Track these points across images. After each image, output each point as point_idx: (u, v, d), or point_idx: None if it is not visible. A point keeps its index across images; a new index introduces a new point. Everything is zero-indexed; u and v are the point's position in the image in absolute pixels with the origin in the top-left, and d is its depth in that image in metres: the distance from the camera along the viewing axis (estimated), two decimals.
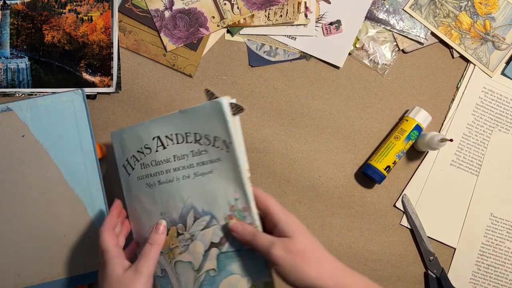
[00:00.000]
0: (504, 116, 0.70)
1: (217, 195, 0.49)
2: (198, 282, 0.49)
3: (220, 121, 0.48)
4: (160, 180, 0.51)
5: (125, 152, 0.53)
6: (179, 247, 0.50)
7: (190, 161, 0.50)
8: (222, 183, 0.49)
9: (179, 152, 0.50)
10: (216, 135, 0.48)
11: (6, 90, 0.64)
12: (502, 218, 0.69)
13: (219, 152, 0.48)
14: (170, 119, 0.50)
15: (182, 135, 0.50)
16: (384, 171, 0.64)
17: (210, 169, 0.49)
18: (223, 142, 0.48)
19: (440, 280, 0.66)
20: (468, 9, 0.70)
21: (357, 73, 0.69)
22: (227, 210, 0.49)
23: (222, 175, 0.49)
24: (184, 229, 0.50)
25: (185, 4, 0.65)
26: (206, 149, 0.49)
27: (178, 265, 0.50)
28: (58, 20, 0.64)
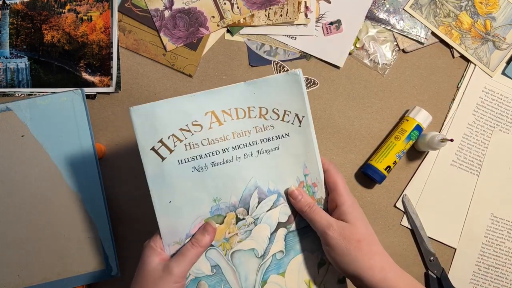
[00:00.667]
0: (505, 116, 0.70)
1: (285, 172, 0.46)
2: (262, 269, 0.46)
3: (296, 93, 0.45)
4: (214, 162, 0.45)
5: (158, 132, 0.44)
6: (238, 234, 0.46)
7: (252, 137, 0.45)
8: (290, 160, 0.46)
9: (239, 128, 0.45)
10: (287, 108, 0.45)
11: (6, 90, 0.64)
12: (502, 218, 0.69)
13: (289, 126, 0.46)
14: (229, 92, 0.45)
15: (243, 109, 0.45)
16: (384, 171, 0.64)
17: (276, 145, 0.46)
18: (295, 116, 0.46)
19: (441, 281, 0.66)
20: (469, 8, 0.70)
21: (357, 73, 0.69)
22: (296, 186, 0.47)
23: (291, 151, 0.46)
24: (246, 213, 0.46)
25: (185, 4, 0.65)
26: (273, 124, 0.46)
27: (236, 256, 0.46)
28: (57, 20, 0.64)
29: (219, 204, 0.46)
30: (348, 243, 0.43)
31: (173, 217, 0.45)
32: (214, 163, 0.45)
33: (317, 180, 0.47)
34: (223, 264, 0.46)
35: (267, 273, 0.46)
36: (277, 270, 0.47)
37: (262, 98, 0.45)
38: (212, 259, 0.46)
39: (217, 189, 0.45)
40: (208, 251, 0.46)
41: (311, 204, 0.46)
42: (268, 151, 0.46)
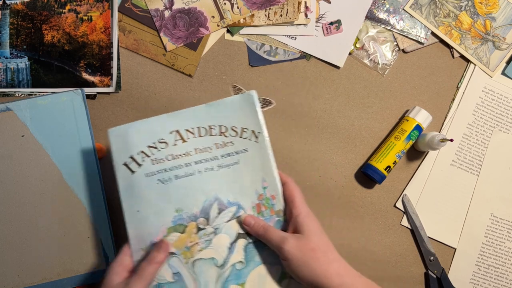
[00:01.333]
0: (505, 116, 0.70)
1: (244, 185, 0.50)
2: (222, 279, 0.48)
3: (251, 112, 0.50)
4: (177, 175, 0.49)
5: (129, 149, 0.50)
6: (199, 243, 0.49)
7: (213, 153, 0.50)
8: (249, 173, 0.50)
9: (201, 145, 0.50)
10: (244, 126, 0.50)
11: (6, 90, 0.64)
12: (502, 218, 0.69)
13: (246, 142, 0.50)
14: (192, 113, 0.51)
15: (205, 128, 0.50)
16: (384, 171, 0.64)
17: (236, 160, 0.50)
18: (252, 132, 0.50)
19: (441, 280, 0.66)
20: (469, 9, 0.70)
21: (357, 73, 0.69)
22: (255, 199, 0.50)
23: (249, 165, 0.50)
24: (206, 223, 0.49)
25: (185, 4, 0.65)
26: (232, 140, 0.50)
27: (197, 264, 0.48)
28: (57, 20, 0.64)
29: (181, 214, 0.49)
30: (303, 254, 0.45)
31: (140, 226, 0.49)
32: (177, 176, 0.49)
33: (275, 192, 0.50)
34: (184, 272, 0.48)
35: (226, 282, 0.48)
36: (236, 281, 0.48)
37: (222, 118, 0.50)
38: (174, 267, 0.48)
39: (180, 200, 0.49)
40: (170, 259, 0.48)
41: (265, 226, 0.48)
42: (228, 165, 0.50)
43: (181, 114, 0.51)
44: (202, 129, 0.51)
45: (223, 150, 0.50)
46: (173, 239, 0.49)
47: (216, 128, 0.50)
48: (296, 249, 0.45)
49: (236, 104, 0.50)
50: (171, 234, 0.49)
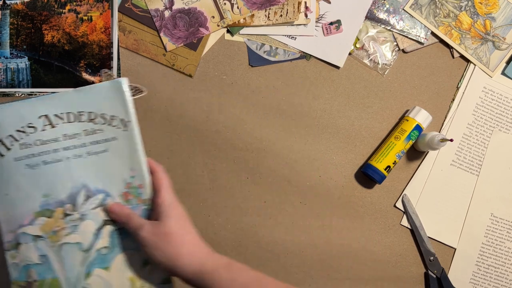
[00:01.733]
0: (505, 116, 0.70)
1: (112, 173, 0.50)
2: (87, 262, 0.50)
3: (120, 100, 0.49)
4: (45, 160, 0.50)
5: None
6: (65, 228, 0.50)
7: (82, 140, 0.50)
8: (118, 161, 0.50)
9: (70, 131, 0.50)
10: (113, 114, 0.50)
11: (6, 90, 0.64)
12: (502, 218, 0.69)
13: (115, 131, 0.50)
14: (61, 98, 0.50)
15: (74, 114, 0.50)
16: (384, 171, 0.64)
17: (105, 148, 0.50)
18: (121, 121, 0.50)
19: (441, 280, 0.66)
20: (468, 9, 0.70)
21: (357, 73, 0.69)
22: (123, 187, 0.50)
23: (118, 154, 0.50)
24: (73, 209, 0.50)
25: (185, 4, 0.65)
26: (102, 128, 0.50)
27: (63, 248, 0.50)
28: (57, 20, 0.64)
29: (48, 199, 0.50)
30: (158, 239, 0.46)
31: (9, 209, 0.50)
32: (45, 162, 0.50)
33: (143, 181, 0.50)
34: (50, 255, 0.50)
35: (91, 266, 0.50)
36: (101, 265, 0.50)
37: (91, 104, 0.50)
38: (41, 249, 0.49)
39: (48, 186, 0.50)
40: (37, 242, 0.49)
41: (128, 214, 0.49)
42: (96, 153, 0.50)
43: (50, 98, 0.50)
44: (71, 115, 0.50)
45: (92, 137, 0.50)
46: (40, 223, 0.49)
47: (85, 115, 0.50)
48: (150, 235, 0.46)
49: (105, 91, 0.49)
50: (38, 219, 0.50)
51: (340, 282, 0.66)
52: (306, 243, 0.66)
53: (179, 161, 0.66)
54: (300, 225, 0.66)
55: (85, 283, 0.49)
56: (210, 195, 0.66)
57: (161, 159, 0.65)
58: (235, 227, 0.66)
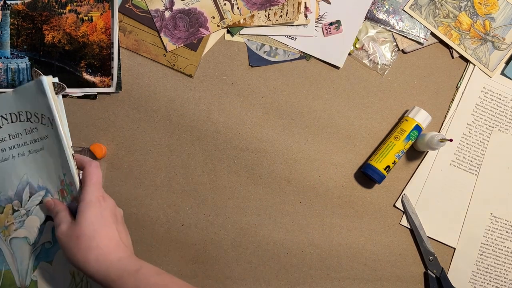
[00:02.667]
0: (504, 116, 0.70)
1: (49, 171, 0.52)
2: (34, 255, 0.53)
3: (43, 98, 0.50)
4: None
5: None
6: (14, 223, 0.53)
7: (24, 139, 0.52)
8: (52, 159, 0.51)
9: (13, 130, 0.52)
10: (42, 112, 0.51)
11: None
12: (501, 218, 0.69)
13: (46, 129, 0.51)
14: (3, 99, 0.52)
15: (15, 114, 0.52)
16: (384, 171, 0.64)
17: (41, 146, 0.52)
18: (48, 119, 0.50)
19: (440, 280, 0.66)
20: (468, 9, 0.70)
21: (357, 73, 0.69)
22: (59, 184, 0.52)
23: (51, 152, 0.51)
24: (20, 205, 0.53)
25: (185, 4, 0.65)
26: (37, 126, 0.51)
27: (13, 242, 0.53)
28: (58, 20, 0.64)
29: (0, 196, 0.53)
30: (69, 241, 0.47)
31: None
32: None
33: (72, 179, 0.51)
34: (3, 247, 0.53)
35: (37, 259, 0.53)
36: (45, 258, 0.53)
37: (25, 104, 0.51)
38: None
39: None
40: None
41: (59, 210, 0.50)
42: (36, 151, 0.52)
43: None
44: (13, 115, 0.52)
45: (31, 136, 0.52)
46: None
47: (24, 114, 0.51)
48: (63, 236, 0.47)
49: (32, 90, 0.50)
50: None
51: (339, 281, 0.67)
52: (306, 243, 0.67)
53: (179, 161, 0.66)
54: (300, 225, 0.67)
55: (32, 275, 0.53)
56: (210, 195, 0.66)
57: (161, 159, 0.66)
58: (235, 227, 0.66)
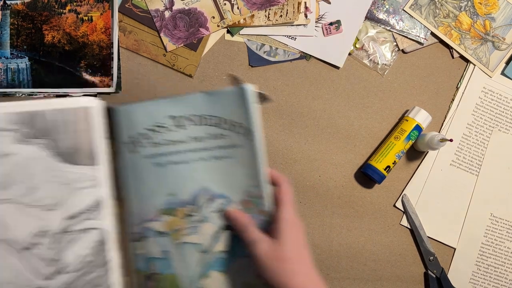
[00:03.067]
0: (504, 116, 0.70)
1: (234, 180, 0.49)
2: (204, 263, 0.50)
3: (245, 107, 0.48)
4: (172, 160, 0.50)
5: (130, 129, 0.51)
6: (186, 228, 0.50)
7: (208, 144, 0.49)
8: (240, 169, 0.49)
9: (197, 133, 0.50)
10: (238, 121, 0.48)
11: (6, 90, 0.64)
12: (502, 218, 0.69)
13: (240, 138, 0.49)
14: (190, 100, 0.50)
15: (202, 117, 0.50)
16: (384, 171, 0.64)
17: (229, 154, 0.49)
18: (244, 128, 0.48)
19: (440, 280, 0.66)
20: (468, 9, 0.70)
21: (357, 73, 0.69)
22: (244, 195, 0.49)
23: (241, 161, 0.49)
24: (194, 210, 0.50)
25: (185, 4, 0.65)
26: (227, 133, 0.49)
27: (183, 246, 0.50)
28: (58, 20, 0.64)
29: (172, 198, 0.50)
30: (271, 262, 0.45)
31: (137, 203, 0.51)
32: (172, 162, 0.50)
33: (263, 192, 0.49)
34: (172, 251, 0.50)
35: (208, 267, 0.50)
36: (217, 267, 0.50)
37: (218, 109, 0.49)
38: (163, 245, 0.50)
39: (173, 185, 0.50)
40: (160, 238, 0.50)
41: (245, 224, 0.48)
42: (221, 158, 0.49)
43: (180, 100, 0.50)
44: (199, 118, 0.50)
45: (217, 142, 0.49)
46: (164, 221, 0.50)
47: (213, 119, 0.49)
48: (265, 255, 0.45)
49: (232, 96, 0.48)
50: (162, 216, 0.50)
51: (339, 281, 0.67)
52: None
53: None
54: None
55: (200, 283, 0.50)
56: None
57: None
58: None
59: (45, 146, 0.50)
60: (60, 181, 0.51)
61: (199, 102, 0.49)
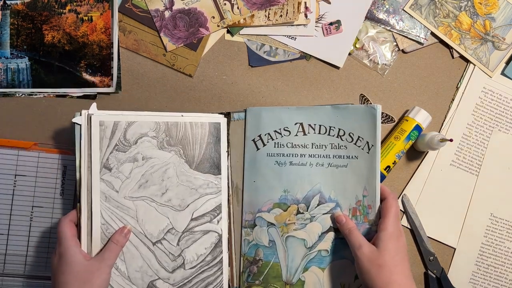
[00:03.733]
0: (504, 116, 0.70)
1: (347, 188, 0.55)
2: (307, 258, 0.55)
3: (371, 124, 0.54)
4: (292, 161, 0.56)
5: (259, 128, 0.58)
6: (295, 223, 0.56)
7: (327, 151, 0.55)
8: (354, 179, 0.54)
9: (318, 141, 0.56)
10: (361, 135, 0.54)
11: (6, 90, 0.64)
12: (502, 218, 0.69)
13: (359, 151, 0.55)
14: (317, 110, 0.56)
15: (326, 127, 0.56)
16: (384, 171, 0.64)
17: (346, 164, 0.55)
18: (366, 143, 0.54)
19: (440, 280, 0.66)
20: (468, 9, 0.70)
21: (357, 73, 0.69)
22: (353, 203, 0.55)
23: (356, 172, 0.54)
24: (306, 209, 0.56)
25: (185, 4, 0.65)
26: (347, 145, 0.55)
27: (289, 240, 0.56)
28: (58, 20, 0.64)
29: (287, 195, 0.56)
30: (370, 265, 0.50)
31: (253, 194, 0.58)
32: (291, 163, 0.57)
33: (373, 203, 0.54)
34: (278, 242, 0.56)
35: (310, 263, 0.55)
36: (319, 264, 0.55)
37: (343, 122, 0.55)
38: (271, 235, 0.57)
39: (289, 183, 0.56)
40: (270, 228, 0.57)
41: (352, 228, 0.53)
42: (337, 166, 0.55)
43: (308, 109, 0.56)
44: (323, 127, 0.56)
45: (336, 151, 0.55)
46: (276, 213, 0.57)
47: (335, 130, 0.55)
48: (365, 259, 0.50)
49: (360, 113, 0.54)
50: (275, 209, 0.57)
51: None
52: None
53: None
54: None
55: (301, 275, 0.55)
56: None
57: None
58: None
59: (178, 154, 0.57)
60: (189, 185, 0.58)
61: (325, 113, 0.55)
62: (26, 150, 0.62)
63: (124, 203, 0.55)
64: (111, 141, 0.54)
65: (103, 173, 0.54)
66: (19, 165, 0.61)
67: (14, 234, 0.61)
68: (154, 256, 0.55)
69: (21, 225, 0.61)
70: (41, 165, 0.62)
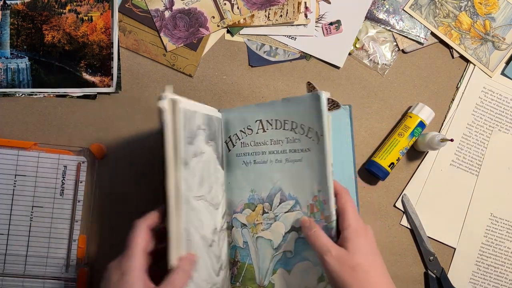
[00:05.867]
0: (504, 116, 0.70)
1: (303, 183, 0.52)
2: (274, 259, 0.54)
3: (316, 112, 0.50)
4: (255, 160, 0.55)
5: (228, 130, 0.57)
6: (262, 224, 0.54)
7: (284, 146, 0.53)
8: (309, 173, 0.51)
9: (275, 137, 0.54)
10: (310, 125, 0.51)
11: (6, 90, 0.64)
12: (502, 218, 0.69)
13: (310, 142, 0.51)
14: (273, 105, 0.54)
15: (281, 121, 0.54)
16: (388, 168, 0.64)
17: (300, 157, 0.52)
18: (316, 133, 0.51)
19: (440, 280, 0.66)
20: (468, 9, 0.70)
21: (357, 73, 0.69)
22: (310, 199, 0.52)
23: (310, 165, 0.51)
24: (270, 208, 0.54)
25: (185, 4, 0.65)
26: (300, 138, 0.52)
27: (259, 240, 0.55)
28: (58, 20, 0.64)
29: (254, 195, 0.55)
30: (343, 270, 0.44)
31: (229, 195, 0.57)
32: (255, 161, 0.55)
33: (327, 198, 0.50)
34: (250, 243, 0.55)
35: (278, 264, 0.53)
36: (285, 266, 0.53)
37: (293, 114, 0.52)
38: (245, 236, 0.55)
39: (254, 183, 0.55)
40: (243, 229, 0.55)
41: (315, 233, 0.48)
42: (293, 161, 0.53)
43: (265, 105, 0.55)
44: (278, 122, 0.54)
45: (291, 145, 0.53)
46: (246, 214, 0.55)
47: (289, 123, 0.53)
48: (336, 263, 0.45)
49: (306, 102, 0.51)
50: (245, 209, 0.55)
51: None
52: None
53: None
54: None
55: (271, 277, 0.54)
56: None
57: None
58: None
59: (214, 149, 0.54)
60: (220, 182, 0.56)
61: (279, 107, 0.53)
62: (26, 150, 0.62)
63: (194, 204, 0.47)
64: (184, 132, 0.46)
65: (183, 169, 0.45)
66: (19, 165, 0.61)
67: (14, 234, 0.61)
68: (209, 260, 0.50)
69: (21, 225, 0.61)
70: (41, 165, 0.62)
